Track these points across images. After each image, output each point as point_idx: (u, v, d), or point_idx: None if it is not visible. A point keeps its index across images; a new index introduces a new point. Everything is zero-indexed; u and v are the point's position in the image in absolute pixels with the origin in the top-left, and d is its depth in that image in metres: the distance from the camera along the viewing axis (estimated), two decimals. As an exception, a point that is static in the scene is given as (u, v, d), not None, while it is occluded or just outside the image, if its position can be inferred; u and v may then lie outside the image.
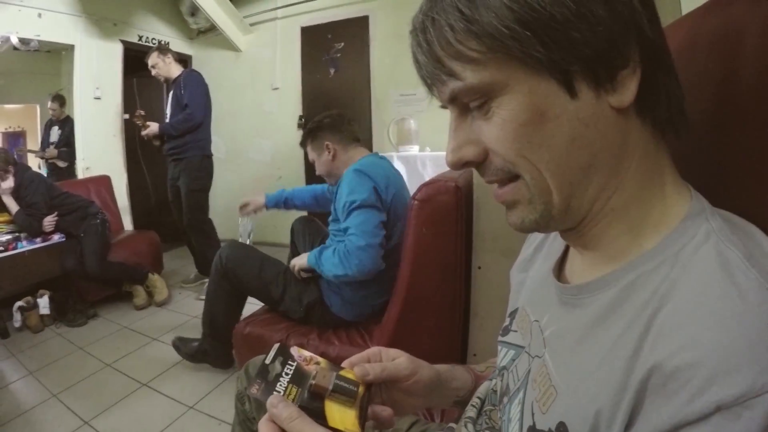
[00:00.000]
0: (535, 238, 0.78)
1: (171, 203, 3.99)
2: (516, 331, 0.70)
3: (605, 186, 0.49)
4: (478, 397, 0.77)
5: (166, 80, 3.89)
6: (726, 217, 0.46)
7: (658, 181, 0.49)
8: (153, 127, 3.72)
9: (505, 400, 0.64)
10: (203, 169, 3.86)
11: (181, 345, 2.48)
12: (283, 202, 2.46)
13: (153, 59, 3.79)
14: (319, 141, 2.05)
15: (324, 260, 1.83)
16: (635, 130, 0.48)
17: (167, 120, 3.83)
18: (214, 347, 2.33)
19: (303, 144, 2.14)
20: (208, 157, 3.92)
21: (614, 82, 0.45)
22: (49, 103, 4.55)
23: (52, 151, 4.51)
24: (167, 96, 4.02)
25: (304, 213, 2.70)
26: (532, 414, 0.54)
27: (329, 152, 2.03)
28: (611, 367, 0.43)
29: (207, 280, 3.67)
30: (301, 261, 1.96)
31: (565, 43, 0.43)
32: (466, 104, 0.49)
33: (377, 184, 1.78)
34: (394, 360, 0.70)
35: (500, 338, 0.75)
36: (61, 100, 4.56)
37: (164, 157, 3.89)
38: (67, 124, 4.57)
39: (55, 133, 4.59)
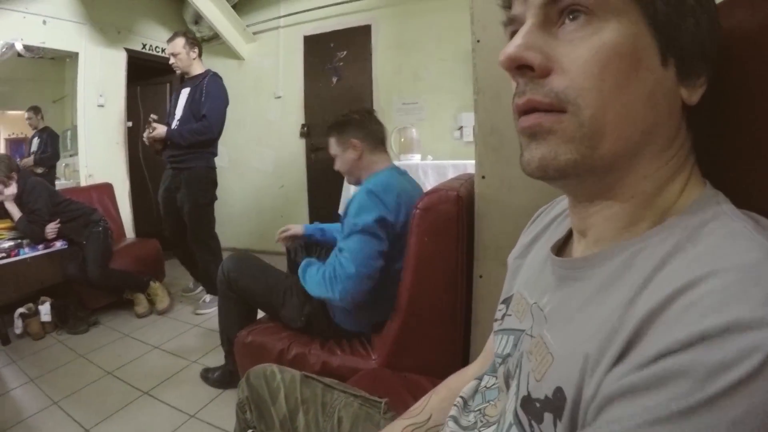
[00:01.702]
0: (537, 225, 0.79)
1: (165, 215, 3.62)
2: (511, 315, 0.70)
3: (650, 163, 0.49)
4: (461, 397, 0.77)
5: (183, 74, 3.57)
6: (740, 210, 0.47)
7: (685, 176, 0.51)
8: (159, 130, 3.34)
9: (511, 382, 0.63)
10: (210, 181, 3.54)
11: (208, 375, 2.47)
12: (319, 230, 2.40)
13: (176, 47, 3.39)
14: (345, 137, 1.96)
15: (308, 277, 1.81)
16: (684, 130, 0.51)
17: (176, 122, 3.45)
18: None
19: (327, 135, 2.04)
20: (213, 168, 3.59)
21: (690, 80, 0.48)
22: (26, 114, 4.57)
23: (27, 161, 4.46)
24: (174, 93, 3.70)
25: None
26: (528, 384, 0.53)
27: (354, 150, 1.95)
28: (606, 318, 0.43)
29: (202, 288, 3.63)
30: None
31: (680, 21, 0.46)
32: (560, 13, 0.48)
33: (387, 210, 1.70)
34: None
35: (497, 328, 0.74)
36: (35, 109, 4.56)
37: (162, 164, 3.65)
38: (45, 132, 4.56)
39: (35, 143, 4.59)
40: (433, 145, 4.24)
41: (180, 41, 3.38)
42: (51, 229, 3.33)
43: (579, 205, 0.56)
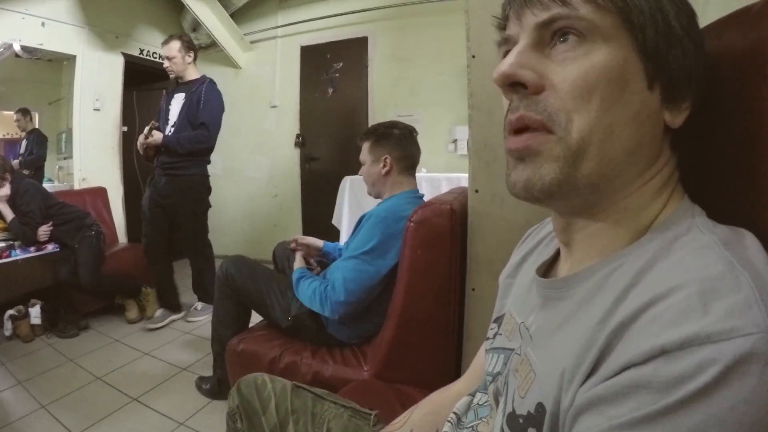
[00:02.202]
0: (527, 245, 0.81)
1: (149, 224, 3.46)
2: (502, 335, 0.72)
3: (632, 182, 0.51)
4: (455, 412, 0.79)
5: (177, 79, 3.44)
6: (712, 222, 0.49)
7: (667, 194, 0.53)
8: (157, 136, 3.23)
9: (500, 399, 0.66)
10: (206, 189, 3.52)
11: (201, 384, 2.46)
12: (339, 251, 2.31)
13: (172, 50, 3.28)
14: (380, 149, 1.93)
15: (301, 289, 1.84)
16: (667, 150, 0.53)
17: (170, 128, 3.36)
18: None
19: (361, 140, 2.01)
20: (208, 176, 3.54)
21: (675, 104, 0.51)
22: (15, 115, 4.58)
23: (14, 163, 4.38)
24: (165, 97, 3.57)
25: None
26: (513, 401, 0.55)
27: (384, 166, 1.92)
28: (581, 334, 0.45)
29: (175, 317, 3.54)
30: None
31: (668, 48, 0.49)
32: (552, 35, 0.50)
33: (395, 240, 1.70)
34: None
35: (488, 346, 0.76)
36: (24, 111, 4.59)
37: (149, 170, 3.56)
38: (32, 134, 4.57)
39: (23, 145, 4.60)
40: (428, 157, 4.24)
41: (176, 44, 3.29)
42: (43, 231, 3.32)
43: (564, 222, 0.58)
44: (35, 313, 3.17)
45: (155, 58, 5.18)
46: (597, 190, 0.50)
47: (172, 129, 3.36)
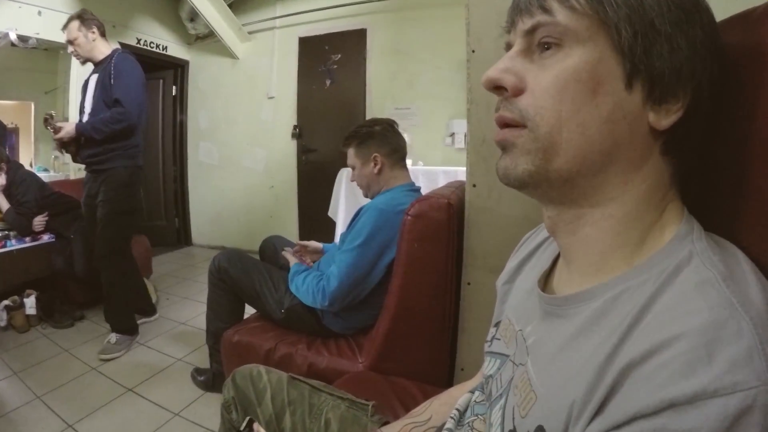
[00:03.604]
0: (523, 250, 0.81)
1: (90, 230, 3.02)
2: (500, 340, 0.72)
3: (613, 185, 0.52)
4: (457, 409, 0.80)
5: (87, 62, 2.91)
6: (713, 240, 0.49)
7: (661, 204, 0.52)
8: (67, 128, 2.70)
9: (488, 405, 0.67)
10: (133, 185, 2.94)
11: (197, 375, 2.45)
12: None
13: (72, 32, 2.77)
14: (366, 150, 1.93)
15: (297, 284, 1.86)
16: (657, 155, 0.52)
17: (86, 116, 2.84)
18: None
19: (345, 146, 2.00)
20: (138, 168, 2.98)
21: (661, 105, 0.49)
22: None
23: None
24: (83, 85, 2.97)
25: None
26: (513, 418, 0.56)
27: (375, 165, 1.92)
28: (588, 368, 0.45)
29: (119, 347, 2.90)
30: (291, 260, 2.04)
31: (649, 46, 0.48)
32: (536, 43, 0.53)
33: (392, 233, 1.70)
34: None
35: (487, 349, 0.77)
36: None
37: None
38: None
39: None
40: (425, 151, 4.27)
41: (74, 24, 2.77)
42: (39, 222, 3.32)
43: (549, 217, 0.59)
44: (30, 303, 3.16)
45: (152, 47, 5.17)
46: (574, 185, 0.53)
47: (89, 117, 2.84)
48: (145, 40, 5.12)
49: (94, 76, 2.86)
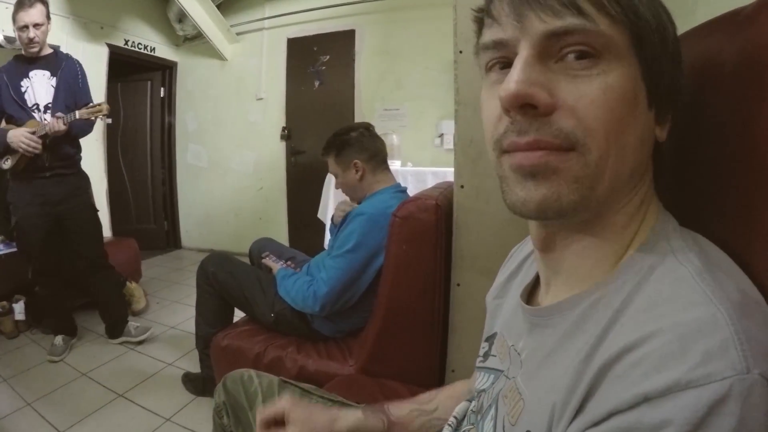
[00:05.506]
0: (511, 264, 0.81)
1: (41, 240, 2.74)
2: (495, 356, 0.72)
3: (623, 195, 0.50)
4: (455, 417, 0.80)
5: (35, 54, 2.63)
6: (689, 235, 0.50)
7: (646, 208, 0.52)
8: (55, 124, 2.49)
9: (479, 417, 0.67)
10: (90, 185, 2.99)
11: (188, 380, 2.44)
12: None
13: (40, 15, 2.53)
14: (345, 158, 1.92)
15: (286, 288, 1.86)
16: (651, 166, 0.53)
17: (41, 114, 2.65)
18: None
19: (324, 155, 1.99)
20: None
21: (664, 118, 0.51)
22: None
23: None
24: (14, 76, 2.64)
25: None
26: (503, 427, 0.56)
27: (357, 171, 1.91)
28: (569, 371, 0.46)
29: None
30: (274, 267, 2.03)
31: (664, 66, 0.48)
32: (557, 50, 0.45)
33: (381, 237, 1.68)
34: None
35: (479, 364, 0.76)
36: None
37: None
38: None
39: None
40: (414, 151, 4.28)
41: (43, 9, 2.56)
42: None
43: (545, 233, 0.56)
44: (19, 309, 3.12)
45: (140, 49, 5.14)
46: (607, 207, 0.50)
47: (45, 112, 2.66)
48: (133, 42, 5.09)
49: (43, 72, 2.68)
